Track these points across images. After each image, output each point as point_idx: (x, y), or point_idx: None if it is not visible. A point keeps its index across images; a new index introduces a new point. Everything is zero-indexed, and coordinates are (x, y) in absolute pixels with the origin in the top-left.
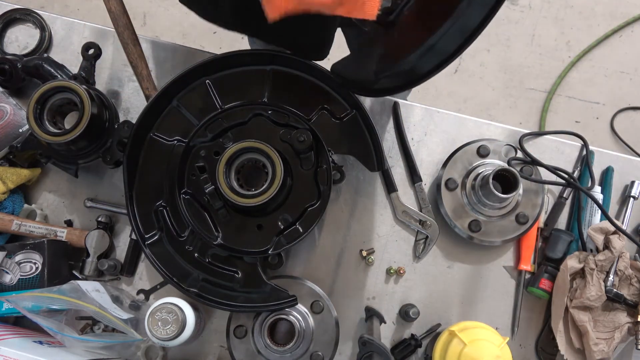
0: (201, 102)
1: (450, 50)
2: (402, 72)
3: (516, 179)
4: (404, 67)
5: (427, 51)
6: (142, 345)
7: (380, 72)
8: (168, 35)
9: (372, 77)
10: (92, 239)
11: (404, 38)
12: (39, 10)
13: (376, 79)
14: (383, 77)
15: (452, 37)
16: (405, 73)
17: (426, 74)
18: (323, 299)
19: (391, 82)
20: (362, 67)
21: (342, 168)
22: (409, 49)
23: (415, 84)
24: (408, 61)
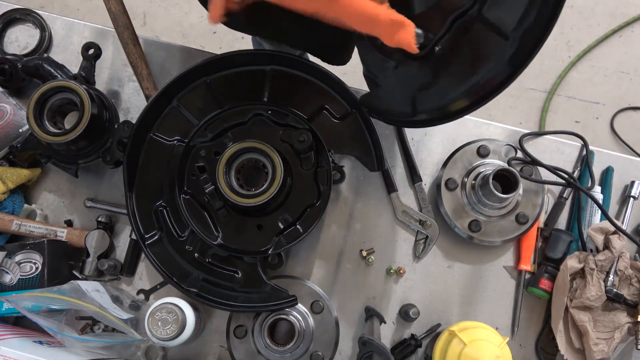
0: (201, 102)
1: (489, 88)
2: (439, 109)
3: (516, 179)
4: (440, 103)
5: (471, 88)
6: (142, 345)
7: (418, 106)
8: (168, 35)
9: (409, 111)
10: (92, 239)
11: (442, 73)
12: (39, 10)
13: (414, 112)
14: (420, 111)
15: (493, 76)
16: (441, 109)
17: (462, 110)
18: (323, 299)
19: (430, 115)
20: (396, 100)
21: (342, 168)
22: (450, 86)
23: (457, 118)
24: (445, 98)
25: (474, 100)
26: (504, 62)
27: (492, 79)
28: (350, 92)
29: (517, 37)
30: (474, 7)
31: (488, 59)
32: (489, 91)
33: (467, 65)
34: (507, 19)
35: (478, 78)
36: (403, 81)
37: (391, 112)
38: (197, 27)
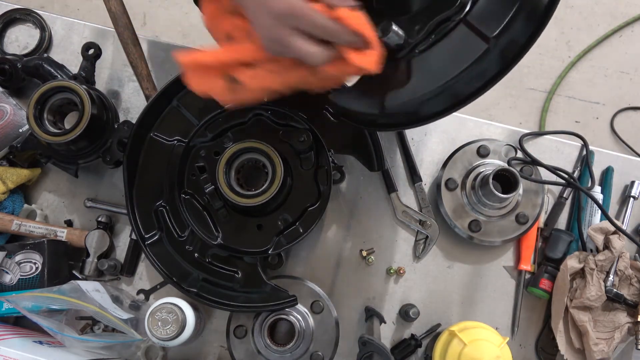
0: (201, 102)
1: (465, 94)
2: (410, 112)
3: (516, 179)
4: (412, 106)
5: (440, 93)
6: (142, 345)
7: (385, 108)
8: (168, 35)
9: (377, 111)
10: (92, 239)
11: (414, 76)
12: (39, 10)
13: (381, 113)
14: (388, 113)
15: (469, 82)
16: (412, 112)
17: (434, 114)
18: (323, 299)
19: (395, 119)
20: (365, 100)
21: (342, 168)
22: (420, 89)
23: (422, 124)
24: (417, 101)
25: (448, 104)
26: (481, 68)
27: (468, 83)
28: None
29: (499, 45)
30: (458, 13)
31: (466, 63)
32: (463, 97)
33: (443, 67)
34: (491, 25)
35: (453, 81)
36: (376, 80)
37: (359, 112)
38: (197, 27)
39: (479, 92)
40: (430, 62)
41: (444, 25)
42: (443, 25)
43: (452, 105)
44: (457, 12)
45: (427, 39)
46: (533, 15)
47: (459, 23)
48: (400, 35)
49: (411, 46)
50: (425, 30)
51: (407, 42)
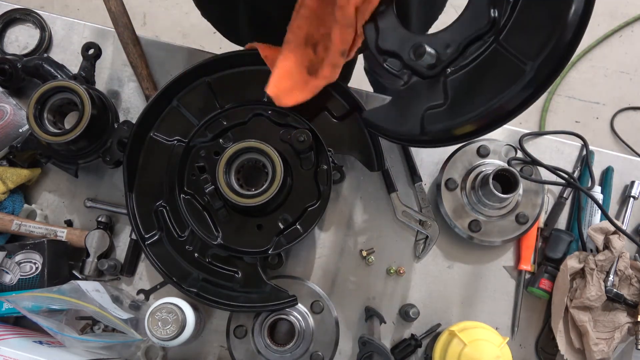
0: (201, 102)
1: (509, 108)
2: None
3: (516, 179)
4: (453, 124)
5: (484, 112)
6: (142, 345)
7: (427, 127)
8: (168, 35)
9: (418, 130)
10: (92, 239)
11: (453, 98)
12: (39, 10)
13: (422, 132)
14: (428, 132)
15: (506, 104)
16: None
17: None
18: (323, 299)
19: (436, 137)
20: (404, 119)
21: (342, 168)
22: (460, 113)
23: (462, 141)
24: (457, 123)
25: (481, 125)
26: (518, 89)
27: (504, 105)
28: (350, 92)
29: (535, 66)
30: (490, 32)
31: (502, 85)
32: (499, 117)
33: (482, 89)
34: (526, 47)
35: (490, 103)
36: (412, 100)
37: (398, 131)
38: (197, 27)
39: (517, 112)
40: (467, 84)
41: (476, 45)
42: (475, 45)
43: (490, 123)
44: (488, 30)
45: (458, 58)
46: (566, 33)
47: (492, 44)
48: (433, 55)
49: (443, 65)
50: (456, 49)
51: (439, 61)
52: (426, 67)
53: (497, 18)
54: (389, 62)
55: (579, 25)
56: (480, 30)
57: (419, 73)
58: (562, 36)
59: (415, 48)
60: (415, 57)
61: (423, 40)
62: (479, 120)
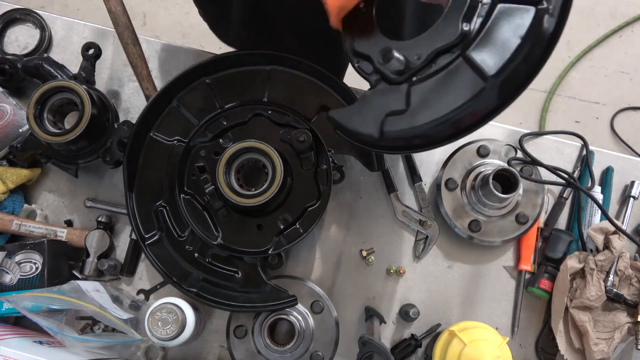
0: (201, 102)
1: (462, 127)
2: (407, 138)
3: (516, 179)
4: (410, 133)
5: (438, 125)
6: (142, 345)
7: (384, 133)
8: (168, 35)
9: (377, 135)
10: (92, 239)
11: (414, 105)
12: (39, 10)
13: (381, 136)
14: (387, 138)
15: (466, 116)
16: (409, 139)
17: (429, 143)
18: (323, 299)
19: (392, 144)
20: (366, 122)
21: (342, 168)
22: (419, 119)
23: (417, 151)
24: (415, 130)
25: (437, 136)
26: (477, 104)
27: (462, 118)
28: (350, 92)
29: (497, 83)
30: (459, 45)
31: (462, 98)
32: (456, 130)
33: (441, 100)
34: (490, 63)
35: (448, 115)
36: (377, 104)
37: (359, 133)
38: (197, 27)
39: (476, 126)
40: (429, 93)
41: (444, 56)
42: (443, 56)
43: (448, 136)
44: (457, 43)
45: (426, 67)
46: (533, 53)
47: (458, 57)
48: (402, 61)
49: (410, 72)
50: (425, 59)
51: (407, 68)
52: (393, 73)
53: (467, 32)
54: (360, 64)
55: (546, 47)
56: (450, 43)
57: (386, 78)
58: (528, 56)
59: (384, 53)
60: (383, 60)
61: (393, 46)
62: (434, 130)
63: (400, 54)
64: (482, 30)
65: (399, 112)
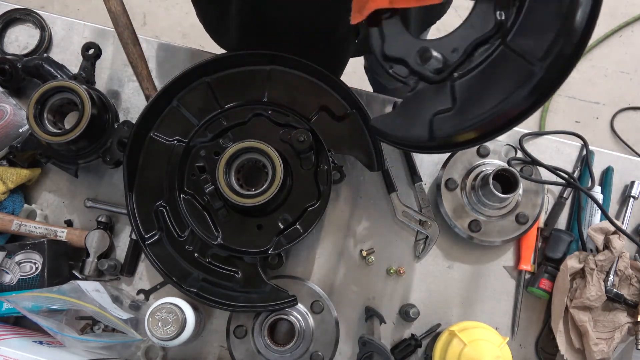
0: (201, 102)
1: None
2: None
3: (516, 179)
4: (464, 127)
5: (492, 115)
6: (142, 345)
7: (436, 132)
8: (168, 35)
9: (426, 136)
10: (92, 239)
11: (461, 101)
12: (39, 10)
13: (431, 137)
14: (437, 137)
15: (518, 104)
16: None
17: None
18: (323, 299)
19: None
20: (412, 125)
21: (342, 168)
22: (471, 115)
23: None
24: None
25: (490, 128)
26: (528, 90)
27: (513, 107)
28: (350, 92)
29: (544, 66)
30: (496, 35)
31: (511, 87)
32: (508, 120)
33: (489, 92)
34: (534, 48)
35: (499, 106)
36: (420, 106)
37: (407, 138)
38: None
39: (528, 113)
40: (474, 87)
41: (483, 48)
42: (481, 49)
43: (501, 126)
44: (494, 33)
45: (465, 62)
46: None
47: (499, 46)
48: (440, 59)
49: (450, 69)
50: (462, 53)
51: (445, 65)
52: (433, 72)
53: (503, 21)
54: (395, 69)
55: (587, 23)
56: (487, 34)
57: (425, 78)
58: (571, 34)
59: (422, 53)
60: (421, 61)
61: (429, 45)
62: (487, 123)
63: (437, 52)
64: (520, 16)
65: (446, 110)
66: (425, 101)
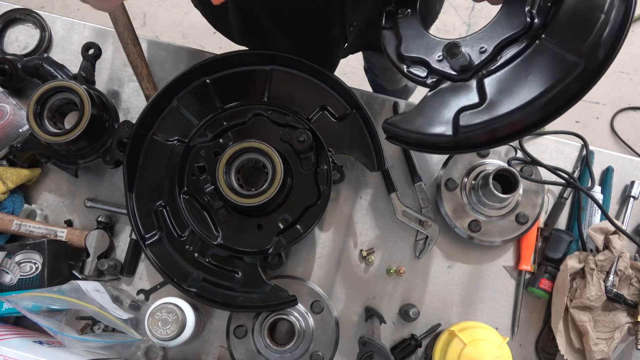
0: (201, 102)
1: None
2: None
3: (516, 179)
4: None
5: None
6: (142, 345)
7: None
8: (168, 35)
9: (451, 132)
10: (92, 239)
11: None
12: (39, 10)
13: (456, 134)
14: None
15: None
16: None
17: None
18: (323, 299)
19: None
20: (434, 124)
21: (342, 168)
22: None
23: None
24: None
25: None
26: (568, 83)
27: (552, 100)
28: (350, 92)
29: (585, 60)
30: (526, 34)
31: (551, 79)
32: (546, 115)
33: (525, 86)
34: (574, 41)
35: (537, 100)
36: (442, 105)
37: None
38: (197, 27)
39: (566, 107)
40: (508, 82)
41: (512, 46)
42: (510, 47)
43: (537, 121)
44: (525, 32)
45: (493, 60)
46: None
47: (531, 43)
48: (466, 58)
49: (478, 67)
50: (491, 52)
51: (471, 64)
52: (458, 70)
53: (533, 20)
54: (412, 68)
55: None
56: (517, 32)
57: (448, 77)
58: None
59: (449, 48)
60: (449, 56)
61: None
62: (520, 117)
63: (465, 49)
64: (558, 10)
65: (473, 106)
66: (448, 100)
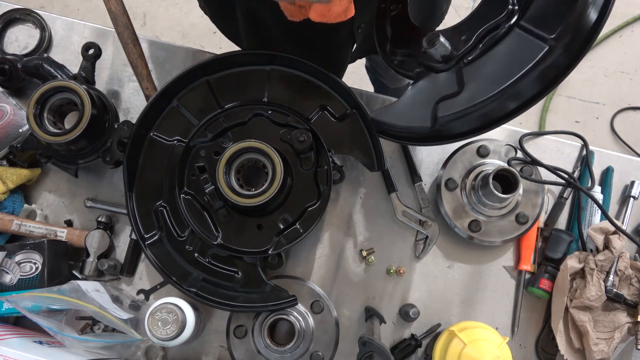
0: (201, 102)
1: (529, 95)
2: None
3: (516, 179)
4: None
5: (499, 97)
6: (142, 345)
7: (438, 120)
8: (168, 35)
9: (430, 123)
10: (92, 239)
11: (469, 85)
12: (39, 10)
13: (434, 124)
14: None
15: (531, 84)
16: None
17: (499, 119)
18: (323, 299)
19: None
20: (414, 114)
21: (342, 168)
22: (479, 95)
23: (491, 128)
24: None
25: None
26: (545, 67)
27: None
28: (350, 92)
29: (562, 44)
30: (507, 21)
31: (526, 65)
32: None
33: (502, 72)
34: (550, 27)
35: (513, 86)
36: (423, 94)
37: (408, 127)
38: (197, 27)
39: (545, 92)
40: (485, 69)
41: (492, 34)
42: (491, 34)
43: (513, 110)
44: (506, 18)
45: (474, 48)
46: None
47: (511, 29)
48: (447, 47)
49: (458, 57)
50: (472, 40)
51: (453, 54)
52: (440, 60)
53: (514, 7)
54: (400, 63)
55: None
56: (498, 20)
57: (431, 68)
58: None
59: (430, 38)
60: (428, 45)
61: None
62: (496, 104)
63: (445, 39)
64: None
65: (451, 95)
66: (428, 91)
